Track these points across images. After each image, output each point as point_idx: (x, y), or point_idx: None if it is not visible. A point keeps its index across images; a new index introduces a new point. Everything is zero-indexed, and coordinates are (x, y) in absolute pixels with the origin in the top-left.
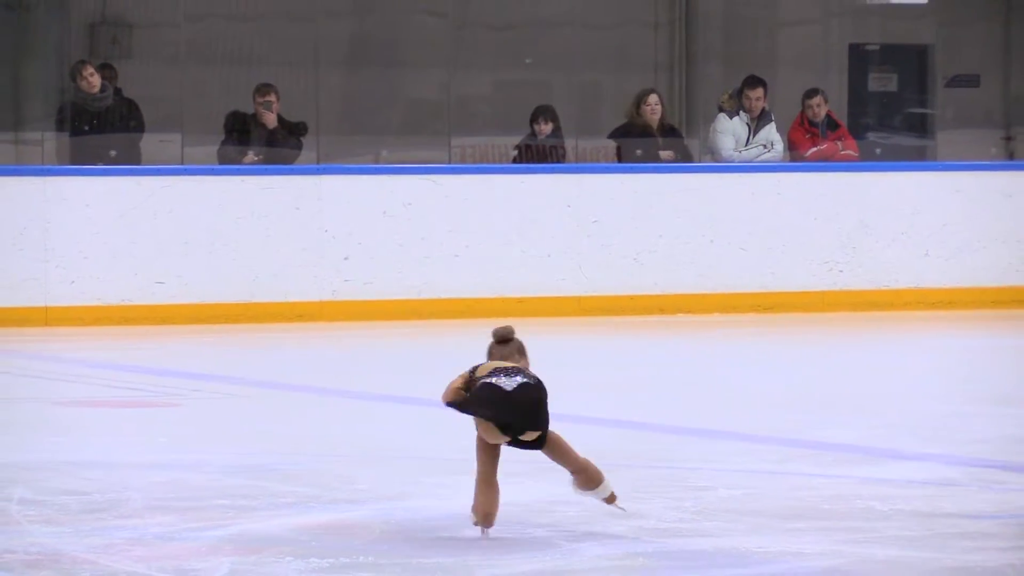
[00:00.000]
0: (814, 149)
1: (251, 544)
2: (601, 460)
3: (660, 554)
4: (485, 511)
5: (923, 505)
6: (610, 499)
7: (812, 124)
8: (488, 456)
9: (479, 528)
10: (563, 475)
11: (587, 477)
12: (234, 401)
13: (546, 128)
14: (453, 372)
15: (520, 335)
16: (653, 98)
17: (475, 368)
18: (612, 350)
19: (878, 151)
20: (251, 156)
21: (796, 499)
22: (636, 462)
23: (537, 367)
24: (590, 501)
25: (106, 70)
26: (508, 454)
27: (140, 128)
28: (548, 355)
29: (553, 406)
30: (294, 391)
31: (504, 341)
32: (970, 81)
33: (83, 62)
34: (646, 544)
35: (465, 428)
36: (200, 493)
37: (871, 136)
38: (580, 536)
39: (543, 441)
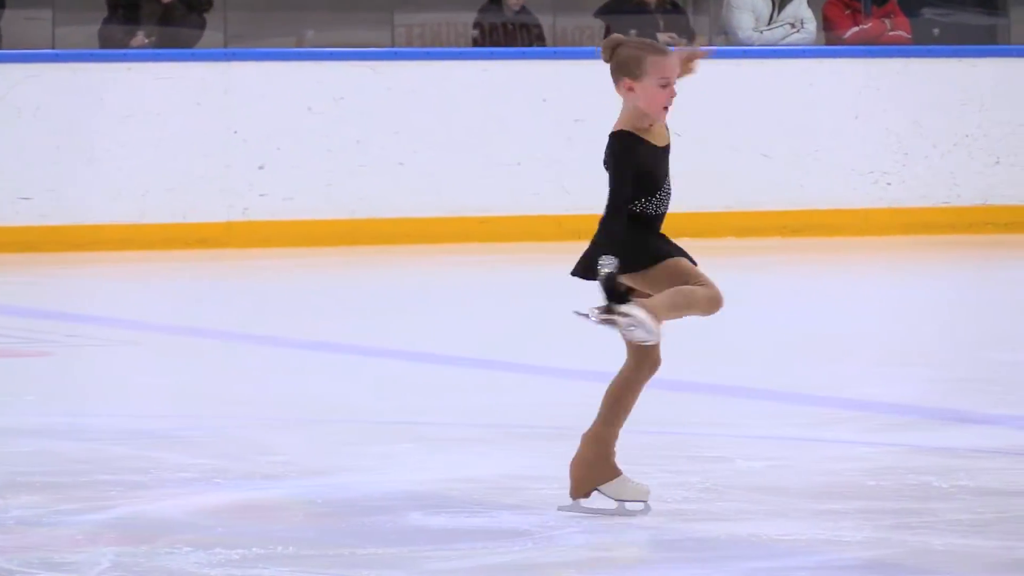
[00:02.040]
0: (855, 29)
1: (140, 531)
2: (579, 422)
3: (659, 544)
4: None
5: (992, 481)
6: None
7: None
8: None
9: (642, 506)
10: (537, 444)
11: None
12: (119, 349)
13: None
14: (394, 313)
15: (483, 266)
16: None
17: None
18: (567, 279)
19: (936, 31)
20: (140, 38)
21: (833, 473)
22: (631, 426)
23: (507, 304)
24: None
25: None
26: (459, 413)
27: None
28: (519, 289)
29: (528, 356)
30: (195, 336)
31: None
32: None
33: None
34: (640, 531)
35: (411, 386)
36: (76, 466)
37: (927, 13)
38: (557, 520)
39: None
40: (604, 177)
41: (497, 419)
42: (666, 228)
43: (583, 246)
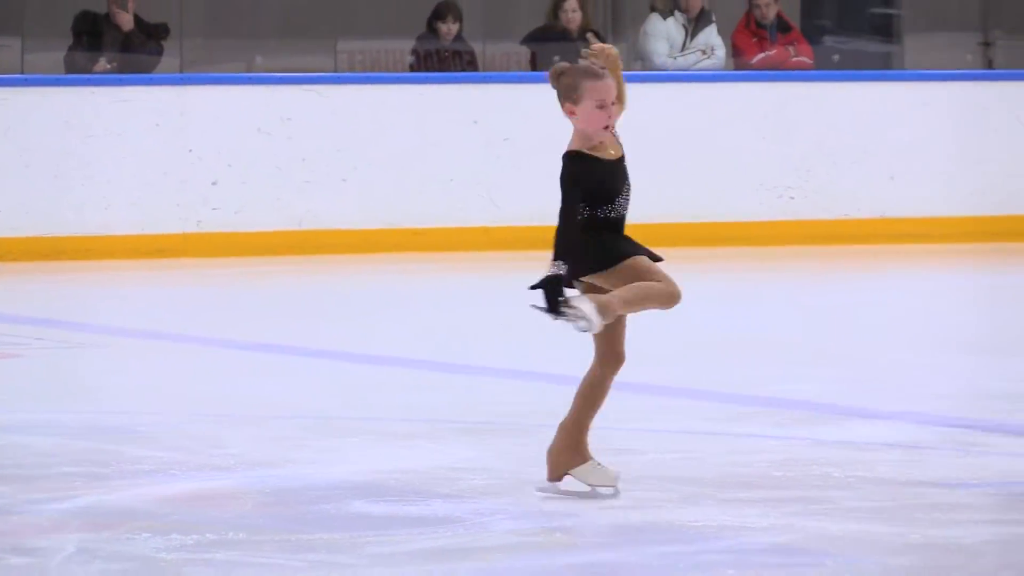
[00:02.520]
0: (761, 55)
1: (103, 518)
2: (510, 418)
3: (579, 529)
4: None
5: (888, 471)
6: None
7: (760, 26)
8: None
9: (611, 490)
10: (470, 438)
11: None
12: (83, 351)
13: (451, 29)
14: (338, 317)
15: (417, 273)
16: (571, 3)
17: None
18: (524, 290)
19: (836, 58)
20: (103, 64)
21: (740, 464)
22: (549, 421)
23: (437, 310)
24: (502, 466)
25: None
26: (398, 410)
27: None
28: (449, 296)
29: (452, 355)
30: (153, 339)
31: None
32: None
33: None
34: (563, 518)
35: (354, 384)
36: (43, 459)
37: (828, 40)
38: (487, 509)
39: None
40: (530, 191)
41: (433, 415)
42: None
43: (510, 256)
